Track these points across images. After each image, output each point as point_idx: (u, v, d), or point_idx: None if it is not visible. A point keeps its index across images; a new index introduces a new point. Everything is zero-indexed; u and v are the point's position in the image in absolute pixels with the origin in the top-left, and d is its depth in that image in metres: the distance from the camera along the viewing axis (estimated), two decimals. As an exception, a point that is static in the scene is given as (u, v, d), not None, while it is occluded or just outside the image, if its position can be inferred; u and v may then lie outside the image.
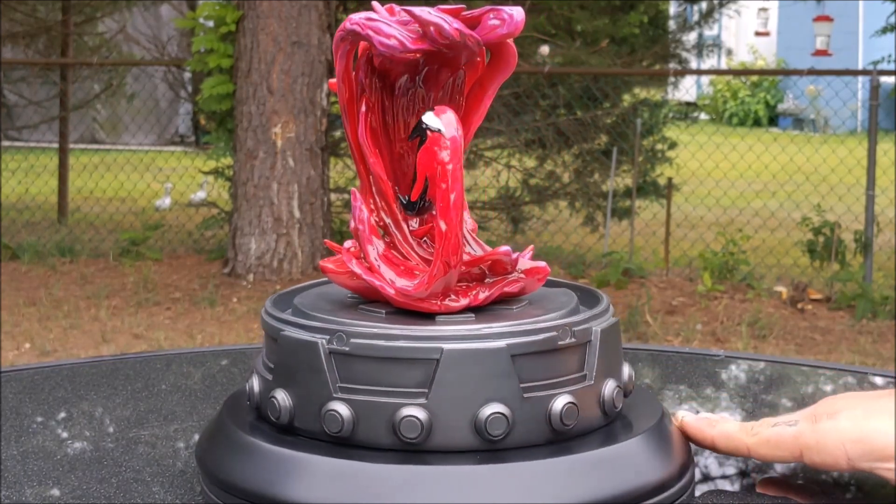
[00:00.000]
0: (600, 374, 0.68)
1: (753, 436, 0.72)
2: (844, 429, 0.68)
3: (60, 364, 1.09)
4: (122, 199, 8.11)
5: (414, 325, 0.67)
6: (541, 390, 0.65)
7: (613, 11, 7.26)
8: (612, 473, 0.65)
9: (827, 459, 0.69)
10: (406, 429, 0.64)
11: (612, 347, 0.69)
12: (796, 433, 0.70)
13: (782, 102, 18.02)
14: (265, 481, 0.65)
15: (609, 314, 0.70)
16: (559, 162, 6.94)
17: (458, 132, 0.67)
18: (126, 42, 10.33)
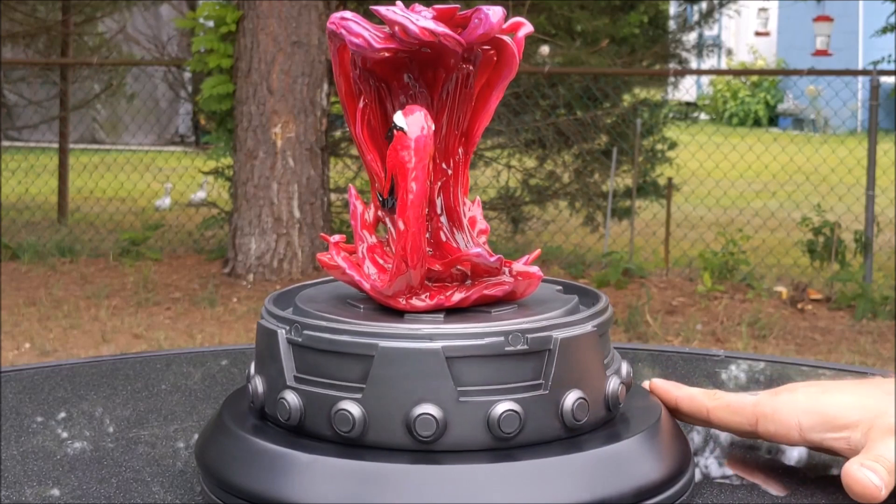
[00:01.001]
0: (560, 384, 0.66)
1: (715, 400, 0.74)
2: (800, 401, 0.72)
3: (60, 364, 1.09)
4: (122, 199, 8.12)
5: (375, 321, 0.68)
6: (480, 395, 0.64)
7: (613, 11, 7.27)
8: (611, 473, 0.65)
9: (780, 429, 0.71)
10: (340, 422, 0.65)
11: (582, 357, 0.67)
12: (755, 401, 0.73)
13: (782, 102, 18.03)
14: (264, 480, 0.65)
15: (588, 323, 0.68)
16: (559, 162, 6.94)
17: (425, 132, 0.67)
18: (126, 42, 10.33)
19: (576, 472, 0.65)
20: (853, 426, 0.69)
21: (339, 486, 0.63)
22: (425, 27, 0.68)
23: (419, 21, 0.68)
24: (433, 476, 0.63)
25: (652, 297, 5.58)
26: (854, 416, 0.69)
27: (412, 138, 0.67)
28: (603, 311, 0.70)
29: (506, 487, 0.62)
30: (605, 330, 0.70)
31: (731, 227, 6.89)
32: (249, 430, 0.69)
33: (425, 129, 0.68)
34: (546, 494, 0.63)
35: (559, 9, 6.81)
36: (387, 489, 0.62)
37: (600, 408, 0.68)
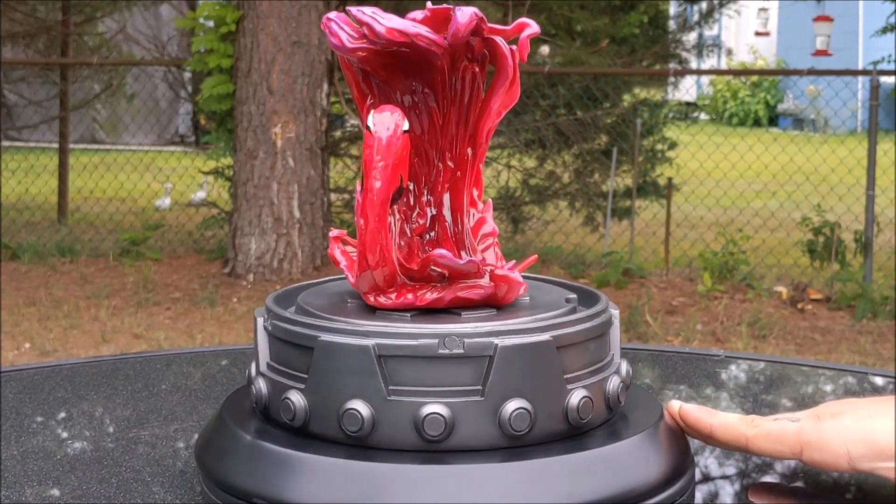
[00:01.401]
0: (498, 392, 0.65)
1: (754, 428, 0.71)
2: (848, 428, 0.68)
3: (60, 364, 1.09)
4: (122, 199, 8.12)
5: (343, 316, 0.69)
6: (410, 395, 0.65)
7: (613, 11, 7.27)
8: (610, 473, 0.65)
9: (827, 458, 0.68)
10: (284, 411, 0.67)
11: (531, 367, 0.65)
12: (798, 429, 0.69)
13: (782, 102, 18.03)
14: (264, 480, 0.65)
15: (545, 332, 0.66)
16: (559, 162, 6.94)
17: (389, 132, 0.68)
18: (126, 42, 10.33)
19: (622, 463, 0.66)
20: None
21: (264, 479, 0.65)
22: (393, 27, 0.68)
23: (386, 21, 0.68)
24: (362, 472, 0.64)
25: (652, 297, 5.58)
26: None
27: (376, 137, 0.68)
28: (580, 321, 0.68)
29: (434, 490, 0.63)
30: (575, 340, 0.67)
31: (731, 227, 6.89)
32: (249, 429, 0.70)
33: (391, 128, 0.68)
34: (597, 486, 0.64)
35: (559, 9, 6.81)
36: (325, 485, 0.64)
37: (555, 419, 0.66)
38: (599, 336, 0.70)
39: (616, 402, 0.69)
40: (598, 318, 0.69)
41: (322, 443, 0.66)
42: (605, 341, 0.70)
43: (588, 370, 0.68)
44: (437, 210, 0.73)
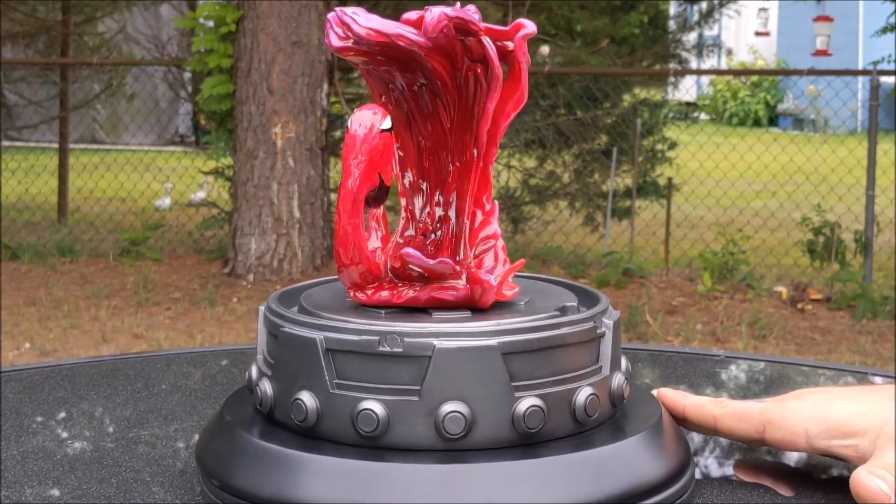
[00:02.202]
0: (435, 394, 0.65)
1: (722, 407, 0.75)
2: (807, 408, 0.72)
3: (60, 364, 1.09)
4: (122, 199, 8.12)
5: (326, 312, 0.70)
6: (351, 390, 0.66)
7: (613, 11, 7.27)
8: (609, 473, 0.65)
9: (787, 436, 0.72)
10: (257, 399, 0.71)
11: (472, 370, 0.65)
12: (762, 408, 0.73)
13: (782, 102, 18.03)
14: (265, 481, 0.65)
15: (492, 338, 0.65)
16: (559, 162, 6.94)
17: (364, 131, 0.69)
18: (126, 42, 10.33)
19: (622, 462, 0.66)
20: (861, 433, 0.69)
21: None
22: (371, 28, 0.68)
23: (365, 21, 0.68)
24: (305, 463, 0.65)
25: (652, 297, 5.58)
26: (862, 423, 0.69)
27: (352, 135, 0.69)
28: (537, 329, 0.67)
29: (367, 488, 0.63)
30: (528, 348, 0.66)
31: (731, 227, 6.89)
32: (251, 429, 0.70)
33: (367, 127, 0.69)
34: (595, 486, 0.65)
35: (559, 9, 6.81)
36: (271, 471, 0.66)
37: (499, 426, 0.65)
38: (566, 346, 0.67)
39: (584, 413, 0.67)
40: (566, 328, 0.68)
41: (282, 432, 0.69)
42: (579, 351, 0.68)
43: (549, 379, 0.67)
44: (444, 211, 0.74)
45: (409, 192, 0.75)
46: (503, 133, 0.73)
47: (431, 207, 0.74)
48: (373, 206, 0.73)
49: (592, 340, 0.69)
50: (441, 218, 0.74)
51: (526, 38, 0.71)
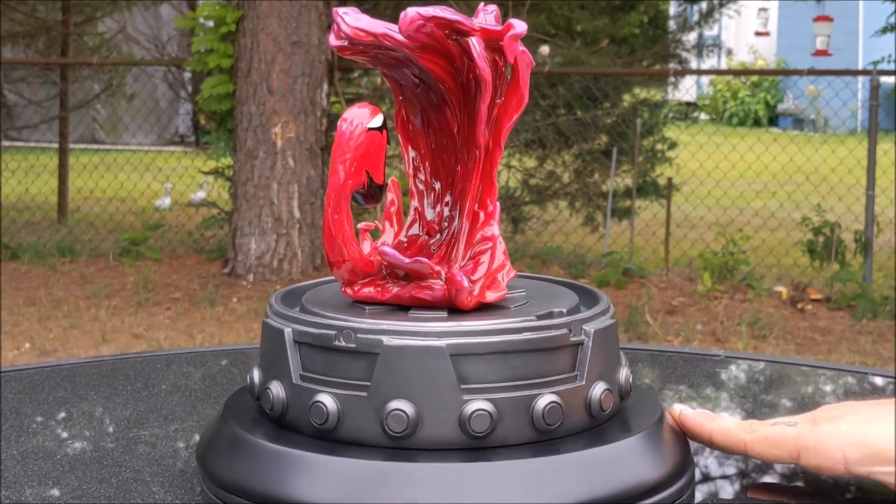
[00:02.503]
0: (383, 391, 0.65)
1: (752, 433, 0.72)
2: (844, 432, 0.69)
3: (60, 364, 1.09)
4: (122, 199, 8.12)
5: (317, 307, 0.72)
6: (311, 382, 0.67)
7: (613, 11, 7.27)
8: (608, 472, 0.65)
9: (824, 462, 0.69)
10: (249, 385, 0.73)
11: (416, 370, 0.65)
12: (796, 434, 0.70)
13: (782, 102, 18.03)
14: (267, 480, 0.65)
15: (441, 339, 0.65)
16: (559, 162, 6.94)
17: (352, 126, 0.70)
18: (126, 42, 10.33)
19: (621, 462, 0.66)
20: None
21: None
22: (358, 27, 0.69)
23: (352, 20, 0.69)
24: (271, 455, 0.67)
25: (652, 297, 5.58)
26: None
27: (339, 132, 0.70)
28: (493, 332, 0.66)
29: (318, 479, 0.64)
30: (481, 351, 0.66)
31: (731, 227, 6.89)
32: (251, 429, 0.70)
33: (353, 124, 0.70)
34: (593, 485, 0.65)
35: (559, 9, 6.81)
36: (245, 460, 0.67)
37: (445, 427, 0.65)
38: (526, 351, 0.66)
39: (542, 421, 0.66)
40: (527, 334, 0.67)
41: (262, 424, 0.70)
42: (546, 358, 0.67)
43: (504, 384, 0.66)
44: (451, 211, 0.74)
45: (420, 192, 0.75)
46: (507, 134, 0.72)
47: (441, 207, 0.75)
48: (367, 204, 0.73)
49: (564, 348, 0.68)
50: (447, 218, 0.74)
51: (515, 38, 0.70)
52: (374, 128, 0.71)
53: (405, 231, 0.75)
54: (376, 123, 0.71)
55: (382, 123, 0.72)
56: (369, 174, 0.71)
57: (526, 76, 0.71)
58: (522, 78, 0.71)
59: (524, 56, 0.70)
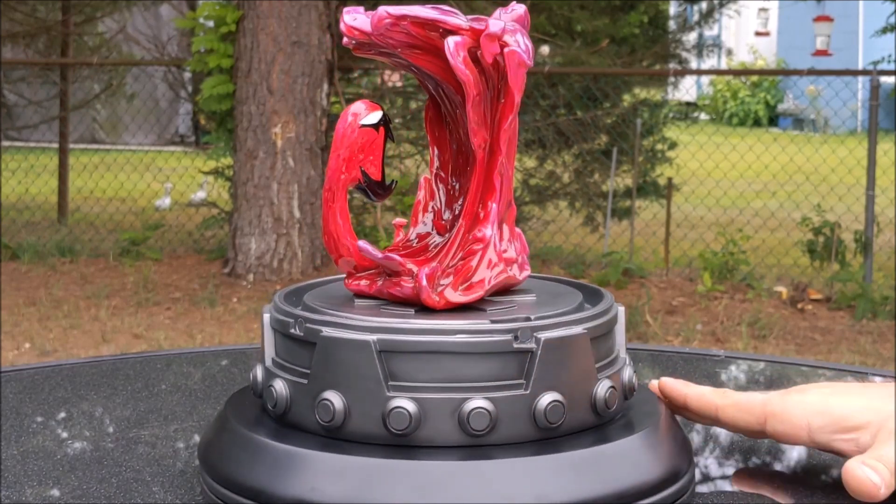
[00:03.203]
0: (320, 381, 0.67)
1: (724, 398, 0.75)
2: (810, 402, 0.71)
3: (60, 364, 1.09)
4: (122, 199, 8.12)
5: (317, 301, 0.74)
6: (276, 367, 0.71)
7: (613, 11, 7.27)
8: (606, 472, 0.65)
9: (789, 429, 0.71)
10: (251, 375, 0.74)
11: (347, 362, 0.66)
12: (765, 400, 0.73)
13: (782, 102, 18.03)
14: (271, 479, 0.65)
15: (371, 334, 0.66)
16: (559, 162, 6.94)
17: (346, 123, 0.72)
18: (126, 42, 10.33)
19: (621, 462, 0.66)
20: (862, 428, 0.69)
21: None
22: (353, 26, 0.70)
23: (350, 19, 0.70)
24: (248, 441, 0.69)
25: (652, 297, 5.58)
26: (863, 417, 0.70)
27: (336, 129, 0.72)
28: (420, 332, 0.66)
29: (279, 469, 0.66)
30: (407, 349, 0.66)
31: (731, 227, 6.89)
32: (255, 428, 0.70)
33: (346, 121, 0.72)
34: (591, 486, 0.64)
35: (559, 9, 6.81)
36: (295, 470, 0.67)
37: (370, 420, 0.66)
38: (459, 354, 0.66)
39: (467, 424, 0.65)
40: (462, 336, 0.66)
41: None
42: (484, 361, 0.66)
43: (432, 385, 0.66)
44: (459, 213, 0.75)
45: (436, 191, 0.75)
46: (507, 136, 0.71)
47: (455, 207, 0.75)
48: (376, 200, 0.74)
49: (506, 354, 0.66)
50: (454, 218, 0.75)
51: (490, 38, 0.69)
52: (367, 124, 0.71)
53: (421, 229, 0.76)
54: (370, 120, 0.71)
55: (379, 121, 0.72)
56: (364, 170, 0.72)
57: (515, 76, 0.70)
58: (511, 78, 0.70)
59: (512, 56, 0.69)
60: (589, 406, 0.68)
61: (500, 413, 0.65)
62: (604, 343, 0.71)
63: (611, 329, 0.72)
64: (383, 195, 0.73)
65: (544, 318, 0.68)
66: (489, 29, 0.69)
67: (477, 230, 0.72)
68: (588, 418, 0.68)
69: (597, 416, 0.68)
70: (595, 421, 0.69)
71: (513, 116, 0.71)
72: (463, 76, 0.68)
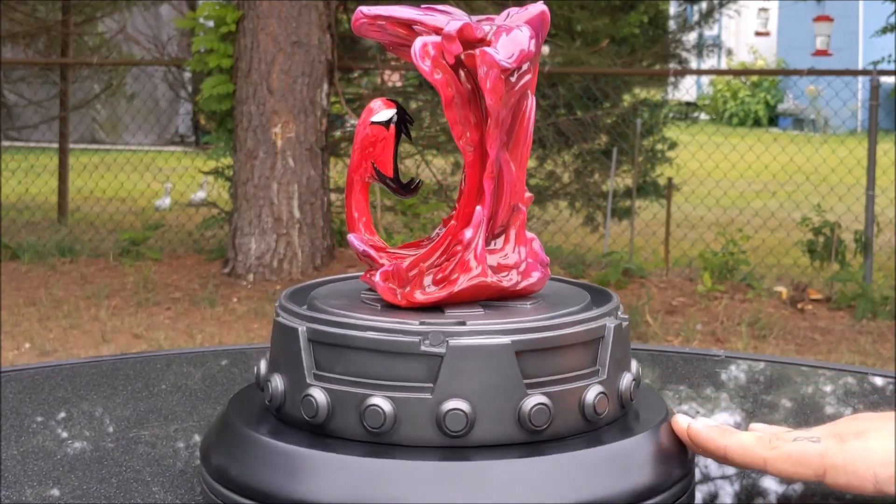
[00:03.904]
0: (269, 365, 0.71)
1: (772, 449, 0.68)
2: (874, 450, 0.66)
3: (60, 364, 1.09)
4: (122, 199, 8.12)
5: None
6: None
7: (613, 11, 7.26)
8: (605, 473, 0.65)
9: (853, 481, 0.66)
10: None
11: (282, 346, 0.70)
12: (821, 451, 0.67)
13: (782, 102, 18.03)
14: (275, 478, 0.65)
15: (304, 322, 0.68)
16: (559, 162, 6.94)
17: (360, 120, 0.74)
18: (126, 42, 10.32)
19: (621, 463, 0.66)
20: None
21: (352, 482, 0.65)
22: (362, 19, 0.71)
23: (354, 19, 0.71)
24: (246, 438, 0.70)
25: (652, 297, 5.58)
26: None
27: None
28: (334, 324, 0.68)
29: (549, 481, 0.64)
30: (329, 341, 0.67)
31: (731, 227, 6.89)
32: (256, 427, 0.70)
33: (362, 117, 0.74)
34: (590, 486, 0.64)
35: (559, 9, 6.80)
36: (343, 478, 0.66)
37: (296, 408, 0.68)
38: (365, 350, 0.66)
39: (368, 421, 0.66)
40: (370, 333, 0.67)
41: None
42: (383, 360, 0.66)
43: (342, 377, 0.67)
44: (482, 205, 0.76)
45: (466, 191, 0.75)
46: (494, 141, 0.70)
47: None
48: (401, 196, 0.76)
49: (411, 355, 0.66)
50: (449, 218, 0.75)
51: (449, 38, 0.68)
52: (377, 121, 0.71)
53: (439, 227, 0.77)
54: (380, 118, 0.72)
55: (390, 118, 0.72)
56: (375, 166, 0.72)
57: (485, 77, 0.68)
58: (480, 80, 0.68)
59: (483, 57, 0.67)
60: (513, 419, 0.66)
61: (399, 413, 0.66)
62: (554, 357, 0.67)
63: (572, 344, 0.68)
64: (403, 193, 0.74)
65: (482, 326, 0.67)
66: (445, 29, 0.68)
67: (461, 234, 0.71)
68: (510, 431, 0.66)
69: (522, 430, 0.66)
70: (520, 436, 0.66)
71: (495, 120, 0.69)
72: (429, 78, 0.68)
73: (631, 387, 0.71)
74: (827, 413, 0.96)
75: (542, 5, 0.71)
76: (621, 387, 0.70)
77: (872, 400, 1.01)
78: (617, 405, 0.70)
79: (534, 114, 0.73)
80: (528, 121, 0.72)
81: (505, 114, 0.70)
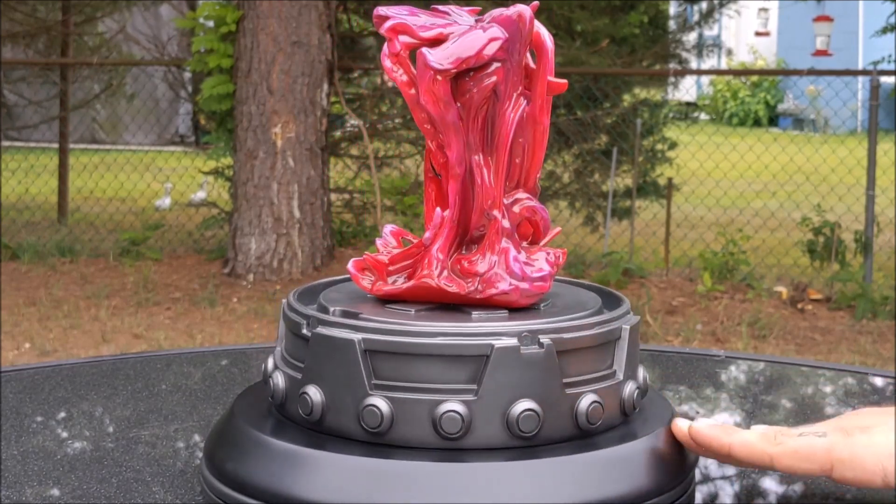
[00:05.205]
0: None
1: (777, 445, 0.67)
2: (881, 444, 0.65)
3: (60, 364, 1.09)
4: (122, 199, 8.12)
5: None
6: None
7: (613, 11, 7.26)
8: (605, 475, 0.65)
9: (861, 475, 0.65)
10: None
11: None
12: (828, 445, 0.66)
13: (782, 102, 18.03)
14: (280, 478, 0.65)
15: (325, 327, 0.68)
16: (559, 162, 6.94)
17: None
18: (126, 42, 10.32)
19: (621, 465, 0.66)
20: None
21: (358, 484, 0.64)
22: (388, 25, 0.71)
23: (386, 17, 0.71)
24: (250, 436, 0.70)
25: (652, 297, 5.58)
26: None
27: None
28: None
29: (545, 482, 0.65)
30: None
31: (731, 227, 6.89)
32: (260, 427, 0.70)
33: None
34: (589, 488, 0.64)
35: (559, 9, 6.81)
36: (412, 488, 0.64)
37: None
38: (298, 337, 0.69)
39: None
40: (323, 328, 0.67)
41: None
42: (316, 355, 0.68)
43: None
44: None
45: (438, 194, 0.76)
46: (451, 145, 0.68)
47: None
48: None
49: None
50: None
51: (389, 35, 0.68)
52: None
53: None
54: None
55: None
56: None
57: (420, 77, 0.67)
58: (417, 79, 0.67)
59: (418, 57, 0.67)
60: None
61: (315, 404, 0.68)
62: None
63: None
64: None
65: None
66: (385, 24, 0.68)
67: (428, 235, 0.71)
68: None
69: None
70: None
71: (441, 123, 0.68)
72: (391, 78, 0.69)
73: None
74: (827, 413, 0.96)
75: (524, 7, 0.69)
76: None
77: (872, 400, 1.01)
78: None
79: (520, 117, 0.70)
80: (510, 125, 0.69)
81: (453, 117, 0.68)
